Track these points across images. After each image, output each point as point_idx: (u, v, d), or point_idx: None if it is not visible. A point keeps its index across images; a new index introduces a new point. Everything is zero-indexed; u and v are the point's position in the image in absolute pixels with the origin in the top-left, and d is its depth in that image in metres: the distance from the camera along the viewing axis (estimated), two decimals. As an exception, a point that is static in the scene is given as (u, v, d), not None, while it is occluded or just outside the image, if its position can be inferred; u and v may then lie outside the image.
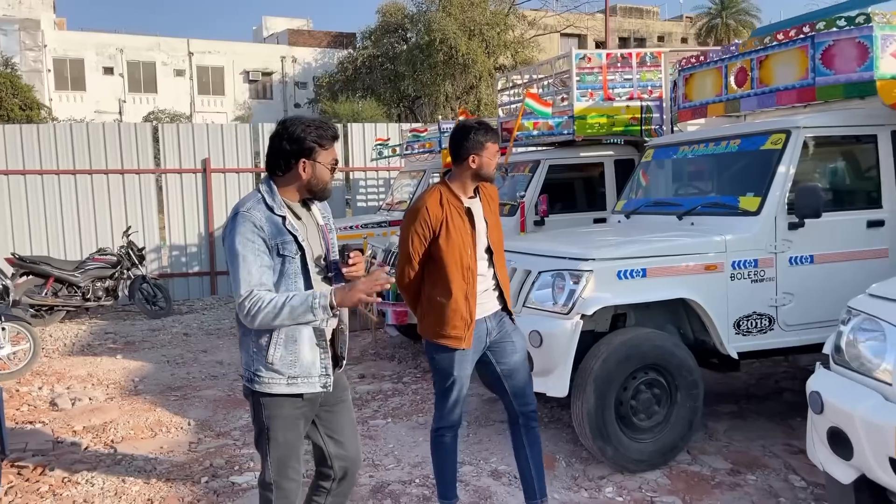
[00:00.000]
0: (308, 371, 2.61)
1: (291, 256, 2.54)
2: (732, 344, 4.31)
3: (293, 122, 2.61)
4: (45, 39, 36.61)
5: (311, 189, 2.65)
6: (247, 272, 2.45)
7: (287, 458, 2.65)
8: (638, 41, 48.23)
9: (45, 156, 10.67)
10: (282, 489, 2.65)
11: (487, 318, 3.35)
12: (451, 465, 3.52)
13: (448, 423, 3.42)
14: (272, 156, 2.63)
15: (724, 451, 4.51)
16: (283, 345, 2.56)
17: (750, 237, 4.33)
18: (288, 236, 2.54)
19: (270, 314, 2.43)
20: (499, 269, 3.39)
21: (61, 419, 5.57)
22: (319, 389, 2.64)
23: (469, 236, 3.25)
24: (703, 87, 5.56)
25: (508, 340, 3.40)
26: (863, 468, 2.88)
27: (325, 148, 2.61)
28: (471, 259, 3.24)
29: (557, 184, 7.17)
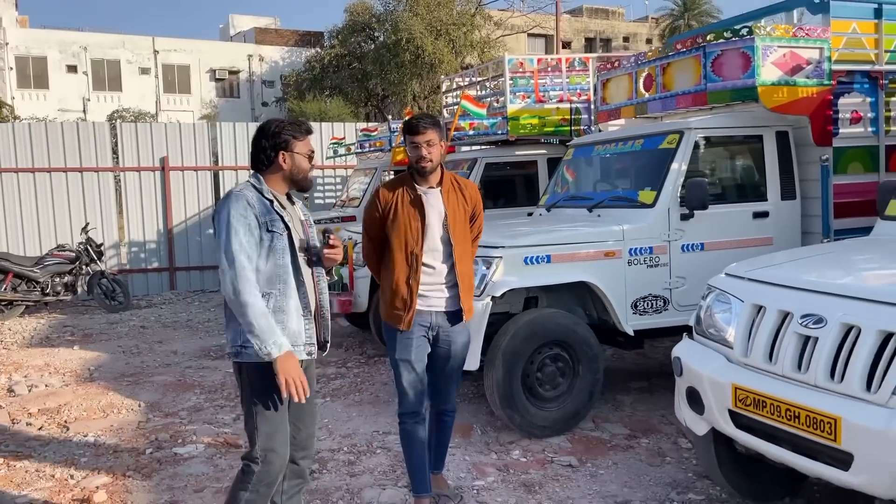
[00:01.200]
0: (295, 339, 2.79)
1: (279, 233, 2.78)
2: (630, 323, 4.80)
3: (269, 122, 2.92)
4: (7, 37, 36.26)
5: (294, 178, 2.90)
6: (239, 243, 2.68)
7: (275, 432, 2.79)
8: (604, 42, 49.04)
9: (3, 154, 10.88)
10: (268, 462, 2.78)
11: (434, 314, 3.40)
12: (417, 455, 3.50)
13: (405, 408, 3.47)
14: (255, 153, 2.89)
15: (625, 419, 5.00)
16: (272, 314, 2.72)
17: (646, 227, 4.82)
18: (275, 215, 2.79)
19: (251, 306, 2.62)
20: (459, 266, 3.40)
21: (17, 403, 5.88)
22: (305, 356, 2.83)
23: (417, 223, 3.33)
24: (618, 91, 6.06)
25: (446, 347, 3.47)
26: (711, 421, 3.36)
27: (299, 140, 2.88)
28: (416, 245, 3.33)
29: (495, 180, 7.64)
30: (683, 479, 4.04)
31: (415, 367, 3.42)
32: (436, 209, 3.38)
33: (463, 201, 3.45)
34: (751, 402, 3.09)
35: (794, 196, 5.20)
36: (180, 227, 11.76)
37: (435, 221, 3.37)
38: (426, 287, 3.39)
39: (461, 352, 3.55)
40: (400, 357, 3.43)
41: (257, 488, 2.80)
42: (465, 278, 3.44)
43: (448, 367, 3.53)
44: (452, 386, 3.61)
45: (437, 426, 3.67)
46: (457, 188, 3.46)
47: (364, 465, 4.31)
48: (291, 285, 2.82)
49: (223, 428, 5.07)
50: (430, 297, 3.40)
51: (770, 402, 2.99)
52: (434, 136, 3.33)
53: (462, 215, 3.43)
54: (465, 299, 3.45)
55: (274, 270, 2.78)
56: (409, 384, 3.44)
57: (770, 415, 3.00)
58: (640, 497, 3.82)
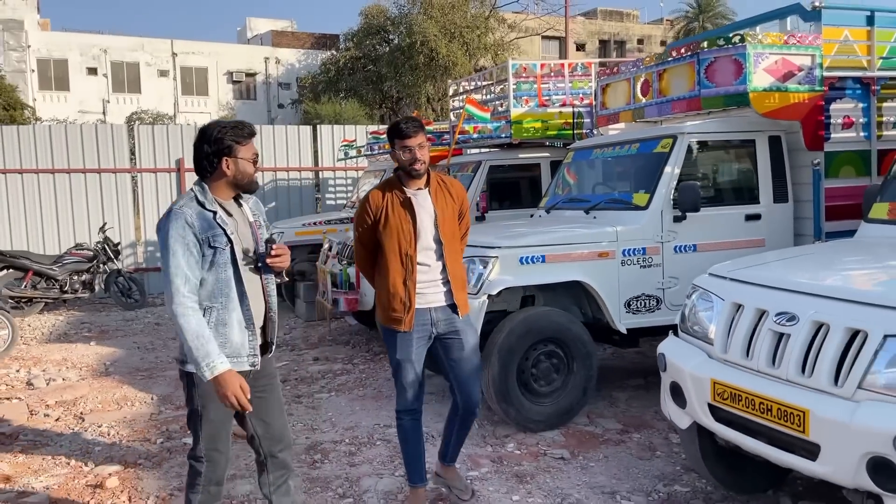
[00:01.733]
0: (238, 351, 2.84)
1: (222, 248, 2.78)
2: (623, 321, 4.95)
3: (210, 127, 2.87)
4: (29, 40, 36.86)
5: (238, 183, 2.88)
6: (176, 265, 2.70)
7: (217, 434, 2.89)
8: (618, 44, 49.00)
9: (25, 155, 11.20)
10: (212, 461, 2.89)
11: (433, 310, 3.49)
12: (413, 448, 3.63)
13: (402, 405, 3.57)
14: (198, 160, 2.86)
15: (619, 415, 5.15)
16: (214, 328, 2.78)
17: (639, 228, 4.96)
18: (218, 229, 2.78)
19: (184, 329, 2.68)
20: (450, 263, 3.49)
21: (36, 396, 6.12)
22: (248, 368, 2.88)
23: (409, 225, 3.42)
24: (617, 95, 6.20)
25: (457, 338, 3.53)
26: (693, 415, 3.51)
27: (242, 144, 2.83)
28: (409, 247, 3.41)
29: (499, 183, 7.81)
30: (671, 472, 4.18)
31: (414, 366, 3.51)
32: (426, 210, 3.48)
33: (451, 200, 3.55)
34: (728, 396, 3.23)
35: (786, 199, 5.32)
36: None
37: (426, 222, 3.46)
38: (423, 285, 3.47)
39: (475, 340, 3.62)
40: (400, 357, 3.51)
41: (207, 489, 2.90)
42: (456, 275, 3.52)
43: (465, 359, 3.56)
44: (476, 381, 3.62)
45: (461, 423, 3.72)
46: (444, 188, 3.56)
47: (364, 455, 4.49)
48: (234, 298, 2.83)
49: (231, 420, 5.26)
50: (427, 294, 3.48)
51: (745, 396, 3.13)
52: (423, 138, 3.44)
53: (451, 214, 3.53)
54: (458, 294, 3.53)
55: (216, 284, 2.80)
56: (408, 383, 3.53)
57: (745, 408, 3.14)
58: (627, 488, 3.97)
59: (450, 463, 3.88)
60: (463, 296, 3.58)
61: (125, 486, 4.14)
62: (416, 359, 3.52)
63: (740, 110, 5.41)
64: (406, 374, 3.53)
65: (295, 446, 4.63)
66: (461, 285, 3.57)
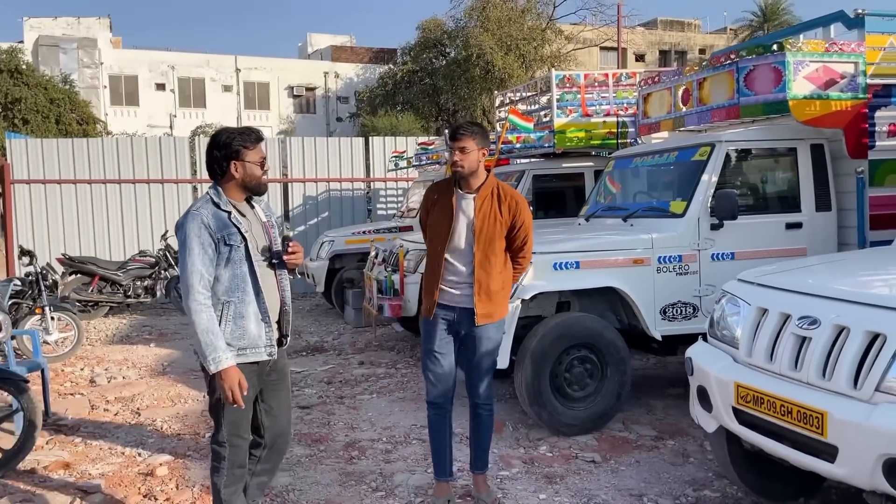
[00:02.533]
0: (255, 342, 3.03)
1: (237, 245, 2.97)
2: (659, 328, 4.98)
3: (220, 133, 3.07)
4: (102, 57, 38.61)
5: (247, 185, 3.06)
6: (192, 263, 2.89)
7: (239, 420, 3.06)
8: (679, 54, 48.33)
9: (94, 166, 11.82)
10: (234, 446, 3.06)
11: (458, 310, 3.62)
12: (437, 442, 3.77)
13: (429, 397, 3.73)
14: (209, 164, 3.05)
15: (655, 422, 5.16)
16: (233, 321, 2.98)
17: (675, 236, 4.99)
18: (233, 228, 2.96)
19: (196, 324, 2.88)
20: (479, 271, 3.55)
21: (97, 392, 6.48)
22: (266, 357, 3.07)
23: (446, 223, 3.58)
24: (659, 105, 6.24)
25: (475, 340, 3.65)
26: (719, 418, 3.54)
27: (250, 149, 3.02)
28: (441, 243, 3.59)
29: (543, 192, 7.90)
30: (702, 478, 4.20)
31: (438, 357, 3.66)
32: (465, 214, 3.59)
33: (497, 211, 3.56)
34: (751, 399, 3.26)
35: (829, 207, 5.27)
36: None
37: (462, 225, 3.58)
38: (450, 283, 3.62)
39: (488, 348, 3.68)
40: (425, 345, 3.70)
41: (231, 471, 3.08)
42: (482, 284, 3.57)
43: (475, 361, 3.69)
44: (482, 380, 3.73)
45: (473, 420, 3.83)
46: (494, 197, 3.58)
47: (399, 453, 4.63)
48: (250, 293, 3.01)
49: (276, 418, 5.48)
50: (452, 293, 3.62)
51: (767, 399, 3.16)
52: (468, 143, 3.53)
53: (492, 223, 3.55)
54: (479, 304, 3.57)
55: (232, 280, 2.98)
56: (432, 375, 3.69)
57: (767, 411, 3.17)
58: (656, 492, 4.01)
59: (475, 471, 3.90)
60: (485, 306, 3.60)
61: (174, 474, 4.37)
62: (440, 350, 3.66)
63: (781, 118, 5.39)
64: (430, 365, 3.68)
65: (334, 443, 4.84)
66: (487, 296, 3.59)
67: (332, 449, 4.76)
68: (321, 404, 5.85)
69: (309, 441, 4.92)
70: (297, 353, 8.00)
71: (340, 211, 12.69)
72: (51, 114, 31.56)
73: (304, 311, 10.97)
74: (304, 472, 4.37)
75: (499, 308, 3.69)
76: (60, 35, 37.69)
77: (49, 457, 4.69)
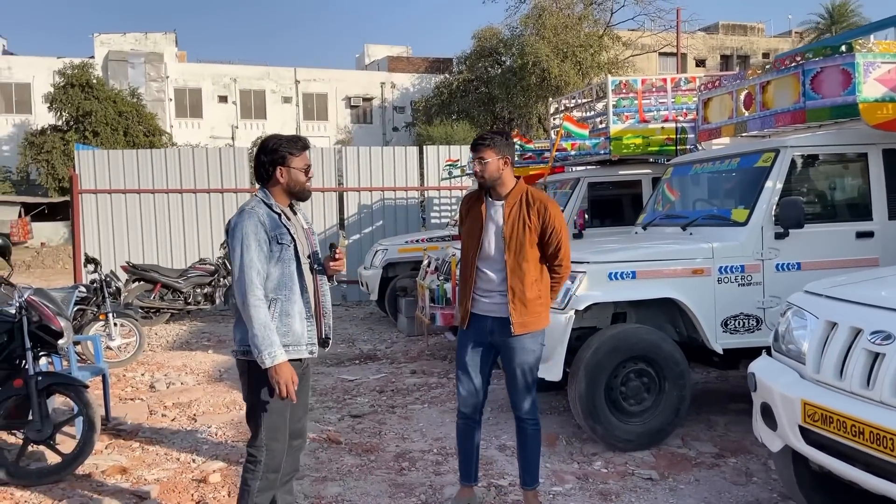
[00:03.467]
0: (298, 340, 3.09)
1: (287, 245, 3.06)
2: (720, 341, 4.79)
3: (268, 139, 3.17)
4: (168, 71, 39.88)
5: (291, 190, 3.15)
6: (250, 259, 2.96)
7: (277, 425, 3.10)
8: (741, 59, 47.22)
9: (157, 177, 12.16)
10: (271, 450, 3.10)
11: (491, 320, 3.58)
12: (464, 449, 3.81)
13: (459, 404, 3.74)
14: (256, 168, 3.16)
15: (716, 439, 4.96)
16: (279, 318, 3.03)
17: (737, 245, 4.80)
18: (283, 228, 3.07)
19: (254, 319, 2.91)
20: (511, 279, 3.51)
21: (156, 398, 6.61)
22: (307, 355, 3.16)
23: (476, 232, 3.59)
24: (719, 109, 6.04)
25: (513, 351, 3.59)
26: (784, 437, 3.36)
27: (296, 156, 3.12)
28: (472, 252, 3.59)
29: (599, 200, 7.75)
30: (766, 499, 4.01)
31: (468, 369, 3.65)
32: (495, 221, 3.60)
33: (526, 216, 3.54)
34: (819, 418, 3.09)
35: (903, 215, 4.99)
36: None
37: (491, 233, 3.58)
38: (482, 292, 3.60)
39: (528, 360, 3.60)
40: (457, 355, 3.71)
41: (266, 475, 3.11)
42: (516, 291, 3.52)
43: (515, 374, 3.62)
44: (524, 394, 3.64)
45: (520, 435, 3.75)
46: (524, 203, 3.57)
47: (450, 465, 4.56)
48: (296, 291, 3.09)
49: (328, 426, 5.48)
50: (486, 303, 3.60)
51: (836, 419, 2.98)
52: (486, 153, 3.56)
53: (521, 230, 3.52)
54: (515, 312, 3.51)
55: (281, 278, 3.05)
56: (462, 386, 3.70)
57: (837, 431, 2.99)
58: (717, 512, 3.84)
59: (525, 487, 3.80)
60: (521, 315, 3.53)
61: (226, 481, 4.40)
62: (471, 362, 3.66)
63: (850, 122, 5.14)
64: (459, 375, 3.70)
65: (385, 453, 4.80)
66: (522, 303, 3.53)
67: (383, 459, 4.72)
68: (373, 413, 5.82)
69: (360, 451, 4.90)
70: (349, 360, 8.02)
71: (394, 219, 12.74)
72: (119, 126, 32.79)
73: (358, 319, 11.02)
74: (353, 482, 4.34)
75: (536, 318, 3.60)
76: (129, 50, 39.06)
77: (107, 461, 4.78)
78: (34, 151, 32.61)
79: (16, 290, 4.62)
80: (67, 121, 32.84)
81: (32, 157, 32.79)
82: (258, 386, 3.08)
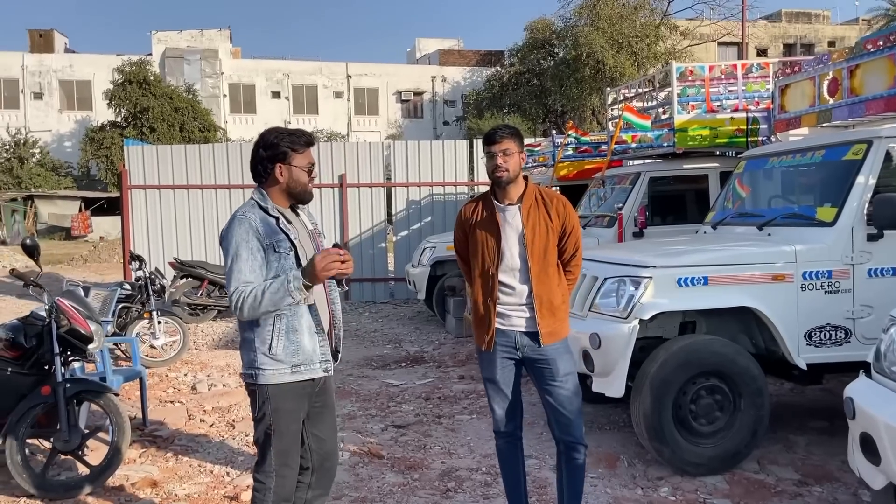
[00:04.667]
0: (310, 358, 2.80)
1: (286, 253, 2.76)
2: (803, 355, 4.28)
3: (268, 132, 2.85)
4: (223, 67, 40.37)
5: (291, 192, 2.83)
6: (238, 270, 2.69)
7: (288, 449, 2.83)
8: (805, 47, 45.48)
9: (205, 172, 12.07)
10: (282, 476, 2.82)
11: (519, 335, 3.24)
12: (508, 472, 3.49)
13: (496, 426, 3.42)
14: (253, 164, 2.84)
15: (797, 463, 4.46)
16: (285, 335, 2.74)
17: (824, 248, 4.29)
18: (281, 235, 2.76)
19: (254, 303, 2.65)
20: (537, 286, 3.18)
21: (197, 400, 6.40)
22: (322, 374, 2.85)
23: (493, 242, 3.22)
24: (799, 97, 5.49)
25: (546, 366, 3.24)
26: (890, 475, 2.89)
27: (298, 152, 2.79)
28: (492, 265, 3.21)
29: (661, 196, 7.24)
30: (861, 539, 3.51)
31: (500, 387, 3.33)
32: (513, 226, 3.22)
33: (546, 217, 3.21)
34: (938, 457, 2.61)
35: None
36: (355, 241, 12.34)
37: (512, 239, 3.22)
38: (506, 307, 3.24)
39: (565, 372, 3.24)
40: (484, 376, 3.38)
41: None
42: (544, 299, 3.19)
43: (554, 394, 3.25)
44: (569, 414, 3.25)
45: (567, 466, 3.35)
46: (540, 203, 3.23)
47: (499, 487, 4.15)
48: (302, 304, 2.76)
49: (370, 437, 5.16)
50: (511, 317, 3.24)
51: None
52: (511, 145, 3.18)
53: (544, 232, 3.20)
54: (543, 321, 3.18)
55: None
56: (496, 404, 3.37)
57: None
58: (804, 554, 3.37)
59: None
60: (549, 323, 3.20)
61: (259, 500, 4.11)
62: (503, 380, 3.32)
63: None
64: (492, 395, 3.39)
65: (429, 471, 4.45)
66: (550, 311, 3.20)
67: (427, 478, 4.37)
68: (417, 423, 5.48)
69: (403, 467, 4.55)
70: (395, 363, 7.71)
71: (444, 215, 12.37)
72: (175, 122, 33.33)
73: (406, 319, 10.72)
74: (395, 504, 4.01)
75: (562, 325, 3.28)
76: (185, 47, 39.63)
77: (139, 472, 4.56)
78: (94, 147, 33.38)
79: (45, 292, 4.41)
80: (126, 117, 33.52)
81: (93, 152, 33.58)
82: (267, 408, 2.80)
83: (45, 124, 38.14)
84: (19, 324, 4.45)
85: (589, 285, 4.62)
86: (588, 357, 4.29)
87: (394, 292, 12.49)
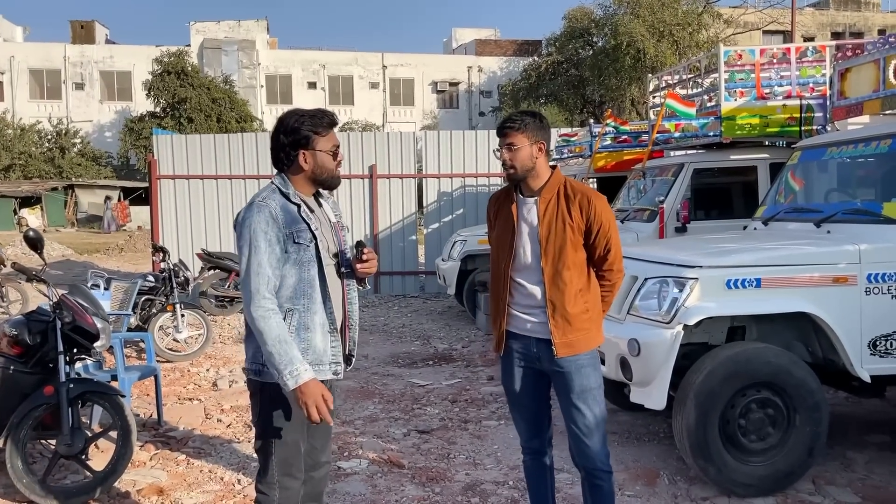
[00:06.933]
0: (320, 358, 2.61)
1: (306, 244, 2.56)
2: (866, 366, 3.87)
3: (288, 115, 2.64)
4: (259, 58, 40.50)
5: (317, 179, 2.64)
6: (258, 263, 2.48)
7: (292, 457, 2.64)
8: (854, 36, 44.00)
9: (234, 162, 11.89)
10: (286, 488, 2.64)
11: (535, 341, 2.95)
12: (534, 492, 3.25)
13: (521, 440, 3.21)
14: (274, 151, 2.65)
15: (856, 483, 4.05)
16: (296, 332, 2.55)
17: (891, 247, 3.87)
18: (302, 224, 2.56)
19: (268, 335, 2.44)
20: (551, 290, 2.87)
21: (215, 398, 6.18)
22: (331, 376, 2.66)
23: (508, 237, 2.96)
24: (861, 82, 5.02)
25: (563, 382, 2.94)
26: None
27: (322, 135, 2.59)
28: (505, 261, 2.97)
29: (706, 189, 6.81)
30: (935, 578, 3.11)
31: (518, 397, 3.08)
32: (528, 221, 2.94)
33: (566, 214, 2.87)
34: None
35: None
36: (385, 233, 12.07)
37: (525, 236, 2.94)
38: (521, 308, 2.96)
39: (583, 387, 2.90)
40: (503, 383, 3.15)
41: None
42: (556, 305, 2.87)
43: (571, 415, 2.94)
44: (585, 441, 2.94)
45: (590, 490, 3.05)
46: (561, 197, 2.90)
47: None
48: (317, 300, 2.59)
49: (391, 444, 4.87)
50: (525, 321, 2.96)
51: None
52: (517, 138, 2.88)
53: (561, 230, 2.87)
54: (556, 331, 2.86)
55: (298, 284, 2.56)
56: (517, 414, 3.16)
57: None
58: None
59: None
60: (564, 333, 2.87)
61: (269, 512, 3.84)
62: (521, 389, 3.05)
63: None
64: (512, 404, 3.18)
65: (452, 483, 4.15)
66: (564, 320, 2.87)
67: (450, 492, 4.06)
68: (442, 429, 5.18)
69: (424, 478, 4.25)
70: (423, 360, 7.42)
71: (476, 207, 12.01)
72: (213, 113, 33.53)
73: (436, 314, 10.41)
74: (413, 521, 3.71)
75: (584, 336, 2.91)
76: (222, 38, 39.83)
77: (147, 478, 4.33)
78: (133, 137, 33.78)
79: (49, 287, 4.20)
80: (164, 107, 33.82)
81: (132, 143, 33.97)
82: (270, 411, 2.61)
83: (86, 115, 38.73)
84: (24, 320, 4.26)
85: (628, 285, 4.24)
86: (626, 364, 3.94)
87: (424, 286, 12.20)
